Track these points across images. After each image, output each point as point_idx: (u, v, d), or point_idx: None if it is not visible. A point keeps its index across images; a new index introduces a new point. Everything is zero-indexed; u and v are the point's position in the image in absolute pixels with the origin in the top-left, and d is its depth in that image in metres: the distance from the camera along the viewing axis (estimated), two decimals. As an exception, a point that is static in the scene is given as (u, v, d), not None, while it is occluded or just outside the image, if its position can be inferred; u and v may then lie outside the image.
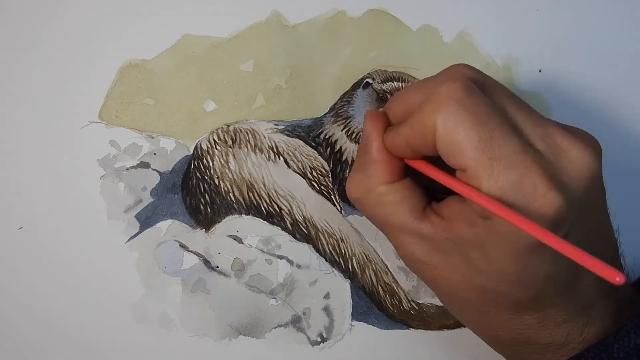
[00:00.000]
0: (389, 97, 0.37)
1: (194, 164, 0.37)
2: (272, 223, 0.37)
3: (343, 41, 0.37)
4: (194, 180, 0.37)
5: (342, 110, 0.37)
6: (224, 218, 0.37)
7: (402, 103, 0.30)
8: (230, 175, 0.37)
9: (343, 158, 0.37)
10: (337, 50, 0.37)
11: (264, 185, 0.37)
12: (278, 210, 0.37)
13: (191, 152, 0.37)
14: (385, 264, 0.37)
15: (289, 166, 0.37)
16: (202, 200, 0.37)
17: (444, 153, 0.26)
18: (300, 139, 0.37)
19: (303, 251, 0.37)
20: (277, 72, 0.37)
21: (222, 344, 0.36)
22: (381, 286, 0.37)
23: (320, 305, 0.36)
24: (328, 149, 0.37)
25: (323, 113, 0.37)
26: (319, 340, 0.36)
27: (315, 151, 0.37)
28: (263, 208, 0.37)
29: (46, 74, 0.36)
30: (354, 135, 0.37)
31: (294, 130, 0.37)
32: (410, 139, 0.28)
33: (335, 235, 0.37)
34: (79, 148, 0.36)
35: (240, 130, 0.37)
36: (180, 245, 0.36)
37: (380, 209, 0.29)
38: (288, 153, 0.37)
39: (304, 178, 0.37)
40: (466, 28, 0.38)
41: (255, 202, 0.37)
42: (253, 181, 0.37)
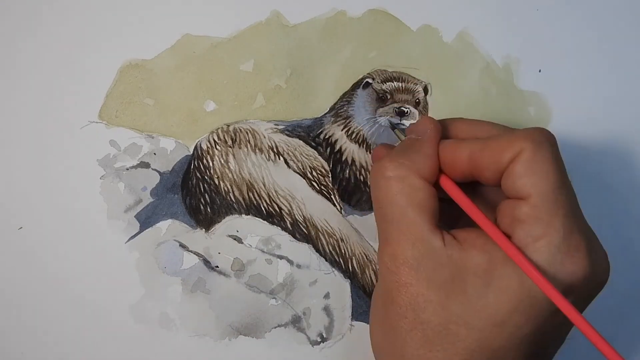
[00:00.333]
0: (389, 97, 0.37)
1: (194, 164, 0.37)
2: (272, 223, 0.37)
3: (343, 41, 0.37)
4: (194, 180, 0.37)
5: (342, 110, 0.37)
6: (224, 218, 0.37)
7: (471, 125, 0.30)
8: (230, 175, 0.37)
9: (343, 158, 0.37)
10: (337, 50, 0.37)
11: (264, 185, 0.37)
12: (278, 210, 0.37)
13: (191, 152, 0.37)
14: (385, 264, 0.37)
15: (289, 166, 0.37)
16: (202, 200, 0.37)
17: (518, 174, 0.27)
18: (300, 139, 0.37)
19: (303, 251, 0.37)
20: (277, 72, 0.37)
21: (222, 344, 0.36)
22: (381, 286, 0.37)
23: (320, 305, 0.36)
24: (328, 149, 0.37)
25: (323, 113, 0.37)
26: (319, 340, 0.36)
27: (315, 151, 0.37)
28: (263, 208, 0.37)
29: (46, 74, 0.36)
30: (354, 135, 0.37)
31: (294, 130, 0.37)
32: (478, 153, 0.28)
33: (335, 235, 0.37)
34: (79, 148, 0.36)
35: (240, 130, 0.37)
36: (180, 245, 0.36)
37: (404, 198, 0.29)
38: (288, 153, 0.37)
39: (304, 178, 0.37)
40: (466, 28, 0.38)
41: (255, 202, 0.37)
42: (253, 181, 0.37)
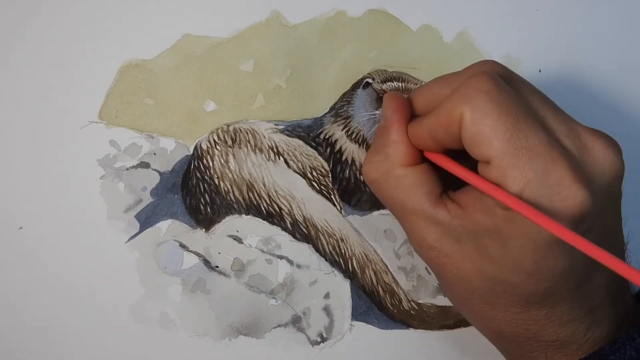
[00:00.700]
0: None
1: (194, 164, 0.37)
2: (272, 223, 0.37)
3: (343, 41, 0.37)
4: (194, 180, 0.37)
5: (342, 110, 0.37)
6: (224, 218, 0.37)
7: (427, 95, 0.30)
8: (230, 175, 0.37)
9: (343, 158, 0.37)
10: (337, 50, 0.37)
11: (264, 185, 0.37)
12: (278, 210, 0.37)
13: (191, 152, 0.37)
14: (385, 264, 0.37)
15: (289, 166, 0.37)
16: (202, 200, 0.37)
17: (469, 143, 0.26)
18: (300, 139, 0.37)
19: (303, 251, 0.37)
20: (277, 72, 0.37)
21: (222, 344, 0.36)
22: (381, 286, 0.37)
23: (320, 305, 0.36)
24: (328, 149, 0.37)
25: (323, 113, 0.37)
26: (319, 340, 0.36)
27: (315, 151, 0.37)
28: (263, 208, 0.37)
29: (46, 74, 0.36)
30: (354, 135, 0.37)
31: (294, 130, 0.37)
32: (434, 130, 0.28)
33: (335, 235, 0.37)
34: (79, 148, 0.36)
35: (240, 130, 0.37)
36: (180, 245, 0.36)
37: (397, 192, 0.29)
38: (288, 153, 0.37)
39: (304, 178, 0.37)
40: (466, 28, 0.38)
41: (255, 202, 0.37)
42: (253, 181, 0.37)
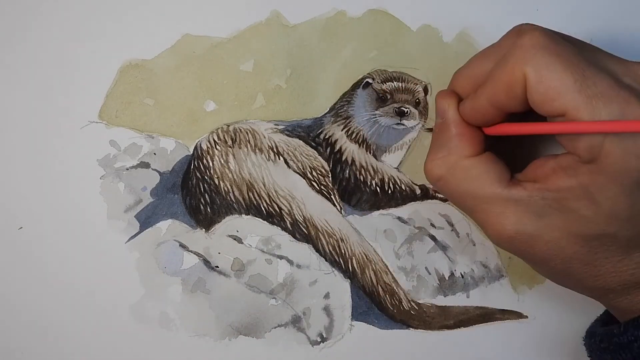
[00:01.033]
0: (389, 97, 0.37)
1: (194, 164, 0.37)
2: (272, 223, 0.37)
3: (343, 41, 0.37)
4: (194, 180, 0.37)
5: (342, 110, 0.37)
6: (224, 218, 0.37)
7: (470, 75, 0.30)
8: (230, 175, 0.37)
9: (343, 158, 0.37)
10: (337, 50, 0.37)
11: (264, 185, 0.37)
12: (278, 210, 0.37)
13: (191, 152, 0.37)
14: (385, 264, 0.37)
15: (289, 166, 0.37)
16: (202, 200, 0.37)
17: (539, 101, 0.26)
18: (300, 139, 0.37)
19: (303, 251, 0.37)
20: (277, 72, 0.37)
21: (222, 344, 0.36)
22: (381, 286, 0.37)
23: (320, 305, 0.36)
24: (328, 149, 0.37)
25: (323, 113, 0.37)
26: (319, 340, 0.36)
27: (315, 151, 0.37)
28: (263, 208, 0.37)
29: (46, 74, 0.36)
30: (354, 135, 0.37)
31: (294, 130, 0.37)
32: (494, 96, 0.28)
33: (335, 235, 0.37)
34: (79, 148, 0.36)
35: (240, 130, 0.37)
36: (180, 245, 0.36)
37: (466, 184, 0.29)
38: (288, 153, 0.37)
39: (304, 178, 0.37)
40: (466, 28, 0.38)
41: (255, 202, 0.37)
42: (253, 181, 0.37)
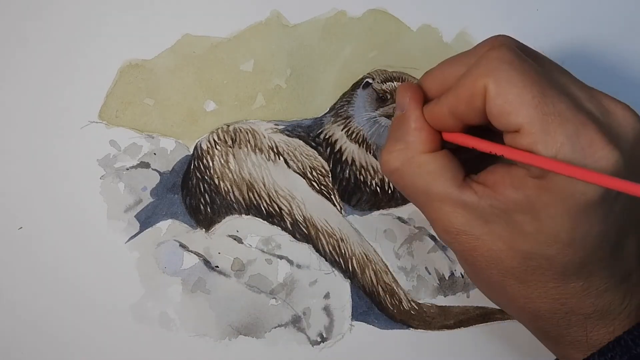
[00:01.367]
0: (389, 97, 0.37)
1: (194, 164, 0.37)
2: (272, 223, 0.37)
3: (343, 41, 0.37)
4: (194, 180, 0.37)
5: (342, 110, 0.37)
6: (224, 218, 0.37)
7: (439, 77, 0.30)
8: (230, 175, 0.37)
9: (343, 158, 0.37)
10: (337, 50, 0.37)
11: (264, 185, 0.37)
12: (278, 210, 0.37)
13: (191, 152, 0.37)
14: (385, 264, 0.37)
15: (289, 166, 0.37)
16: (202, 200, 0.37)
17: (497, 114, 0.26)
18: (300, 139, 0.37)
19: (303, 251, 0.37)
20: (277, 72, 0.37)
21: (222, 344, 0.36)
22: (381, 286, 0.37)
23: (320, 305, 0.36)
24: (328, 149, 0.37)
25: (323, 113, 0.37)
26: (319, 340, 0.36)
27: (315, 151, 0.37)
28: (263, 208, 0.37)
29: (46, 74, 0.36)
30: (354, 135, 0.37)
31: (294, 130, 0.37)
32: (455, 106, 0.28)
33: (335, 235, 0.37)
34: (79, 148, 0.36)
35: (240, 130, 0.37)
36: (180, 245, 0.36)
37: (420, 179, 0.29)
38: (288, 153, 0.37)
39: (304, 178, 0.37)
40: (466, 28, 0.38)
41: (255, 202, 0.37)
42: (253, 181, 0.37)
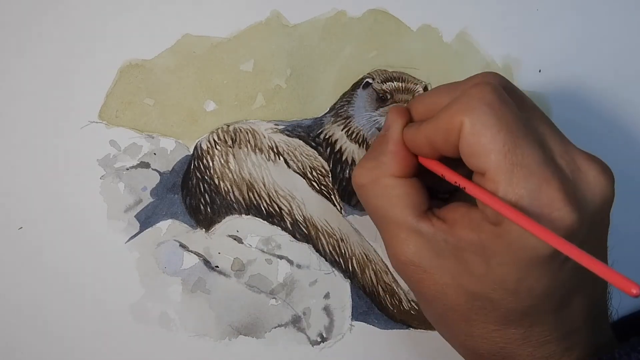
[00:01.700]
0: (389, 97, 0.37)
1: (194, 164, 0.37)
2: (272, 223, 0.37)
3: (343, 41, 0.37)
4: (194, 180, 0.37)
5: (342, 110, 0.37)
6: (224, 218, 0.37)
7: (428, 103, 0.30)
8: (230, 175, 0.37)
9: (343, 158, 0.37)
10: (337, 50, 0.37)
11: (264, 185, 0.37)
12: (278, 210, 0.37)
13: (191, 152, 0.37)
14: (385, 264, 0.37)
15: (289, 166, 0.37)
16: (202, 200, 0.37)
17: (467, 153, 0.26)
18: (300, 139, 0.37)
19: (303, 251, 0.37)
20: (277, 72, 0.37)
21: (222, 344, 0.36)
22: (381, 286, 0.37)
23: (320, 305, 0.36)
24: (328, 149, 0.37)
25: (323, 113, 0.37)
26: (319, 340, 0.36)
27: (315, 151, 0.37)
28: (263, 208, 0.37)
29: (46, 74, 0.36)
30: (354, 135, 0.37)
31: (294, 130, 0.37)
32: (432, 136, 0.28)
33: (335, 235, 0.37)
34: (79, 148, 0.36)
35: (240, 130, 0.37)
36: (180, 245, 0.36)
37: (382, 201, 0.29)
38: (288, 153, 0.37)
39: (304, 178, 0.37)
40: (466, 28, 0.38)
41: (255, 202, 0.37)
42: (253, 181, 0.37)
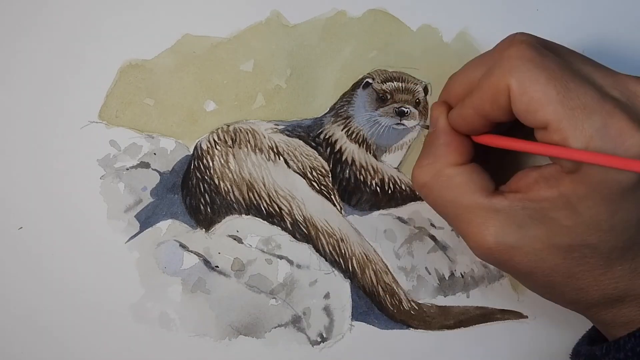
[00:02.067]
0: (389, 97, 0.37)
1: (194, 164, 0.37)
2: (272, 223, 0.37)
3: (343, 41, 0.37)
4: (194, 180, 0.37)
5: (342, 110, 0.37)
6: (224, 218, 0.37)
7: (463, 80, 0.30)
8: (230, 175, 0.37)
9: (343, 158, 0.37)
10: (337, 50, 0.37)
11: (264, 185, 0.37)
12: (278, 210, 0.37)
13: (191, 152, 0.37)
14: (385, 264, 0.37)
15: (289, 166, 0.37)
16: (202, 200, 0.37)
17: (522, 112, 0.26)
18: (300, 139, 0.37)
19: (303, 251, 0.37)
20: (277, 72, 0.37)
21: (222, 344, 0.36)
22: (381, 286, 0.37)
23: (320, 305, 0.36)
24: (328, 149, 0.37)
25: (323, 113, 0.37)
26: (319, 340, 0.36)
27: (315, 151, 0.37)
28: (263, 208, 0.37)
29: (46, 74, 0.36)
30: (354, 135, 0.37)
31: (294, 130, 0.37)
32: (480, 105, 0.28)
33: (335, 235, 0.37)
34: (79, 148, 0.36)
35: (240, 130, 0.37)
36: (180, 245, 0.36)
37: (449, 192, 0.29)
38: (288, 153, 0.37)
39: (304, 178, 0.37)
40: (466, 28, 0.38)
41: (255, 202, 0.37)
42: (253, 181, 0.37)
